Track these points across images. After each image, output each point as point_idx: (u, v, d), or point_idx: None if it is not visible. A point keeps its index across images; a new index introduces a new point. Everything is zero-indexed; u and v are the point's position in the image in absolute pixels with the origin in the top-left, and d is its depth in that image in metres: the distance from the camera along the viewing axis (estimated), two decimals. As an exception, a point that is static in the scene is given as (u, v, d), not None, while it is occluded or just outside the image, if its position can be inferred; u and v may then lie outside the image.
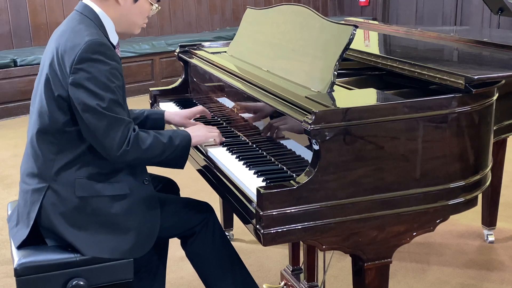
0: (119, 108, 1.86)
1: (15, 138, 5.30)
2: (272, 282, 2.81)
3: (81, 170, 1.90)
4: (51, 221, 1.89)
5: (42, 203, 1.90)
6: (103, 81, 1.82)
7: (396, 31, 3.25)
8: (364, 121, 1.65)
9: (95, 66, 1.81)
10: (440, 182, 1.78)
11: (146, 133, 1.93)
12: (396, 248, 1.80)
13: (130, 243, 1.93)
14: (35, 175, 1.94)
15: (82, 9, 1.96)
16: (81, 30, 1.87)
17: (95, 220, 1.90)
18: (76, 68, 1.81)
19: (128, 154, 1.86)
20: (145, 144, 1.89)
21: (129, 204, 1.94)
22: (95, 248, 1.89)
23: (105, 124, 1.82)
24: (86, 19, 1.93)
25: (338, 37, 1.93)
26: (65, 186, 1.89)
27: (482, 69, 2.23)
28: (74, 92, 1.82)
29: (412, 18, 8.98)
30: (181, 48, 2.95)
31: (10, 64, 6.04)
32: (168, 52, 7.09)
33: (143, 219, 1.96)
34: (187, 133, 2.03)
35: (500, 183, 3.12)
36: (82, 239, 1.89)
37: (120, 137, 1.84)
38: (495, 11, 6.03)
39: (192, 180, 3.45)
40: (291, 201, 1.60)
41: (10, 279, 2.89)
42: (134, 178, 1.97)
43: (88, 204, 1.90)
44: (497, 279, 2.86)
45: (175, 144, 1.96)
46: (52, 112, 1.88)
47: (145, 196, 1.99)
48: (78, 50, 1.81)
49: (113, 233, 1.91)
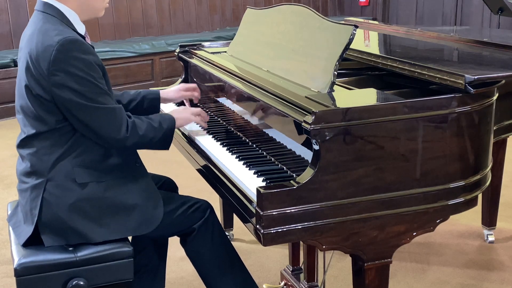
0: (107, 98, 1.90)
1: (15, 138, 5.27)
2: (272, 282, 2.81)
3: (76, 159, 1.93)
4: (56, 214, 1.89)
5: (43, 197, 1.90)
6: (84, 76, 1.84)
7: (396, 31, 3.25)
8: (364, 121, 1.65)
9: (72, 64, 1.83)
10: (440, 182, 1.78)
11: (139, 119, 2.01)
12: (396, 248, 1.80)
13: (136, 220, 1.96)
14: (31, 173, 1.95)
15: (43, 8, 1.95)
16: (49, 30, 1.88)
17: (98, 204, 1.93)
18: (53, 69, 1.82)
19: (128, 140, 1.94)
20: (141, 129, 1.97)
21: (127, 184, 1.99)
22: (104, 232, 1.92)
23: (98, 116, 1.87)
24: (49, 17, 1.92)
25: (338, 37, 1.93)
26: (64, 177, 1.91)
27: (482, 69, 2.23)
28: (58, 94, 1.84)
29: (412, 18, 8.98)
30: (181, 48, 2.95)
31: (10, 64, 6.04)
32: (168, 52, 7.09)
33: (145, 195, 2.00)
34: (172, 117, 2.11)
35: (500, 183, 3.12)
36: (89, 226, 1.91)
37: (117, 125, 1.91)
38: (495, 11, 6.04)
39: (192, 180, 3.45)
40: (291, 201, 1.60)
41: (10, 279, 2.89)
42: (125, 161, 2.02)
43: (90, 190, 1.92)
44: (497, 279, 2.86)
45: (164, 128, 2.04)
46: (42, 115, 1.90)
47: (140, 176, 2.04)
48: (51, 51, 1.82)
49: (118, 214, 1.95)
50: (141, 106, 2.33)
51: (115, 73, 6.69)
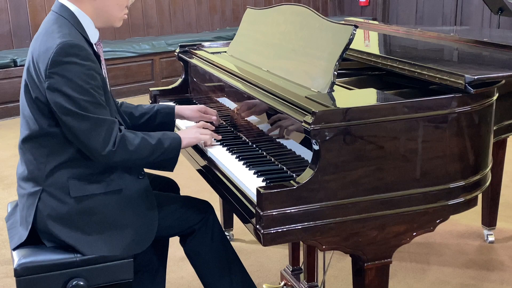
0: (99, 109, 1.83)
1: (15, 138, 5.28)
2: (272, 282, 2.81)
3: (73, 170, 1.89)
4: (47, 224, 1.88)
5: (38, 206, 1.89)
6: (79, 83, 1.79)
7: (396, 31, 3.25)
8: (364, 121, 1.65)
9: (69, 69, 1.78)
10: (440, 182, 1.78)
11: (133, 134, 1.91)
12: (396, 248, 1.80)
13: (128, 239, 1.92)
14: (28, 179, 1.93)
15: (58, 9, 1.92)
16: (54, 31, 1.84)
17: (91, 220, 1.90)
18: (50, 72, 1.79)
19: (115, 155, 1.84)
20: (132, 145, 1.87)
21: (123, 200, 1.94)
22: (94, 247, 1.89)
23: (86, 125, 1.80)
24: (60, 19, 1.89)
25: (338, 37, 1.93)
26: (58, 188, 1.88)
27: (482, 69, 2.23)
28: (51, 97, 1.80)
29: (412, 18, 8.98)
30: (181, 48, 2.95)
31: (10, 64, 6.04)
32: (168, 52, 7.10)
33: (140, 214, 1.95)
34: (177, 136, 2.01)
35: (500, 183, 3.12)
36: (79, 240, 1.88)
37: (103, 138, 1.82)
38: (495, 11, 6.03)
39: (192, 180, 3.45)
40: (291, 201, 1.60)
41: (10, 279, 2.89)
42: (128, 174, 1.96)
43: (83, 204, 1.89)
44: (497, 279, 2.86)
45: (164, 146, 1.94)
46: (36, 117, 1.87)
47: (139, 191, 1.98)
48: (50, 53, 1.78)
49: (110, 230, 1.91)
50: (154, 121, 2.26)
51: (115, 73, 6.70)
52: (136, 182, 1.98)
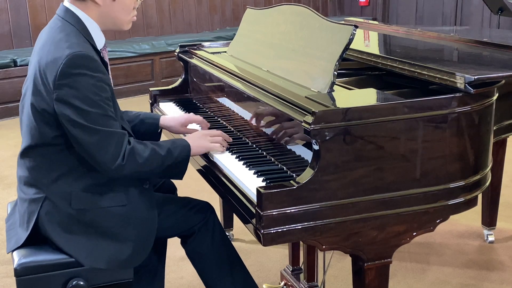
0: (109, 121, 1.80)
1: (15, 138, 5.30)
2: (272, 282, 2.81)
3: (77, 181, 1.87)
4: (48, 232, 1.88)
5: (39, 214, 1.87)
6: (89, 96, 1.75)
7: (396, 31, 3.25)
8: (364, 121, 1.65)
9: (78, 80, 1.74)
10: (440, 182, 1.78)
11: (143, 145, 1.87)
12: (396, 248, 1.80)
13: (127, 253, 1.90)
14: (31, 184, 1.91)
15: (63, 14, 1.88)
16: (61, 40, 1.80)
17: (91, 231, 1.88)
18: (59, 84, 1.74)
19: (125, 168, 1.81)
20: (142, 157, 1.83)
21: (126, 214, 1.91)
22: (92, 258, 1.87)
23: (96, 139, 1.77)
24: (67, 26, 1.85)
25: (338, 37, 1.93)
26: (61, 198, 1.86)
27: (482, 69, 2.23)
28: (60, 109, 1.76)
29: (412, 18, 8.99)
30: (181, 48, 2.95)
31: (10, 64, 6.04)
32: (168, 52, 7.10)
33: (141, 228, 1.93)
34: (187, 143, 1.96)
35: (500, 183, 3.12)
36: (78, 250, 1.87)
37: (113, 151, 1.79)
38: (495, 11, 6.04)
39: (192, 180, 3.45)
40: (291, 201, 1.60)
41: (10, 279, 2.89)
42: (133, 185, 1.93)
43: (85, 216, 1.87)
44: (497, 279, 2.86)
45: (174, 156, 1.90)
46: (40, 127, 1.83)
47: (143, 203, 1.94)
48: (59, 64, 1.74)
49: (110, 243, 1.89)
50: (138, 130, 2.21)
51: (115, 73, 6.70)
52: (140, 194, 1.95)
